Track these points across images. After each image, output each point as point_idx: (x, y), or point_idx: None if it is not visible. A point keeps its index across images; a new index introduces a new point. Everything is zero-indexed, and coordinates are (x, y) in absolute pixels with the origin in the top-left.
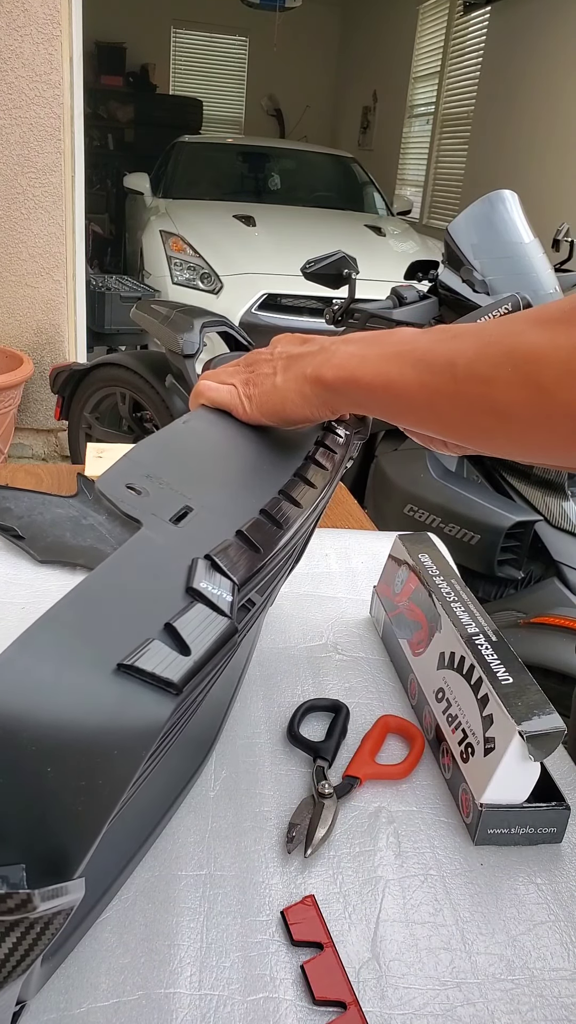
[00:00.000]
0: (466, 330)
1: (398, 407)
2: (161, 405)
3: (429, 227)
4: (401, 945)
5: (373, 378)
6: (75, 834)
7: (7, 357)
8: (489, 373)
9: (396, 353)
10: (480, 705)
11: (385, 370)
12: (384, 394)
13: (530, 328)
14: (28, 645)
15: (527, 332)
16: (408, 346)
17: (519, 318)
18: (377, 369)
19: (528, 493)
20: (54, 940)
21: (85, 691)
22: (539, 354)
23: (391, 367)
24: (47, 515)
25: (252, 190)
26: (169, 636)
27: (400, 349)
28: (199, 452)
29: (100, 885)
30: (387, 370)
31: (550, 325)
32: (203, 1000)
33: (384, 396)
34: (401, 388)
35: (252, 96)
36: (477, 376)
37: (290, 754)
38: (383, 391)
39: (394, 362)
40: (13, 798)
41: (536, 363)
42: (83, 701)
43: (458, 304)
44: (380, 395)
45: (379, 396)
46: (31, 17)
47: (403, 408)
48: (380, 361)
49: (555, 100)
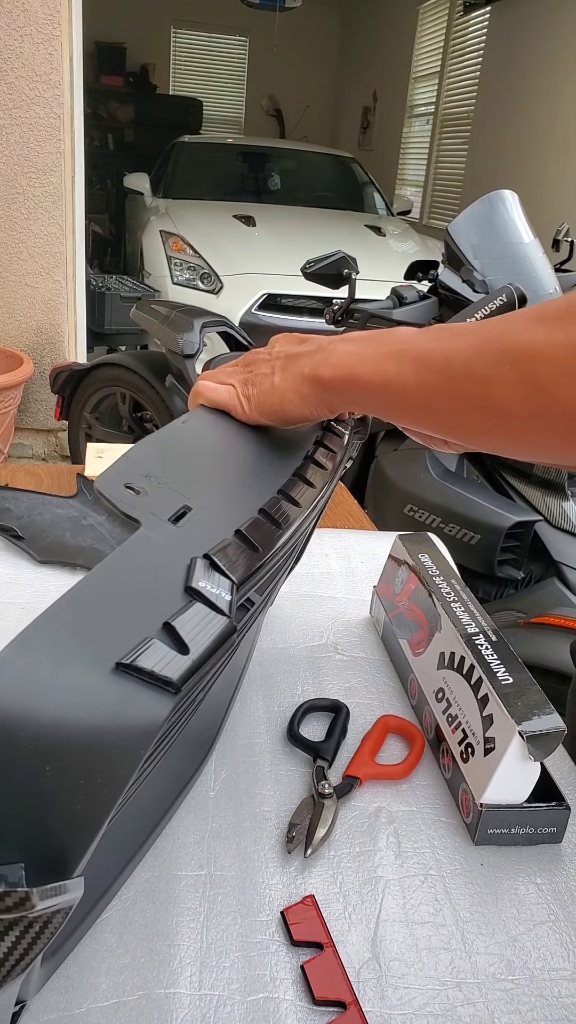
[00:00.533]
0: (464, 329)
1: (396, 406)
2: (161, 405)
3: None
4: (401, 945)
5: (371, 377)
6: (74, 833)
7: (7, 357)
8: (487, 371)
9: (394, 352)
10: (480, 705)
11: (383, 369)
12: (382, 393)
13: (528, 326)
14: (26, 644)
15: (525, 330)
16: (406, 345)
17: (517, 316)
18: (375, 368)
19: (528, 493)
20: (53, 939)
21: (84, 690)
22: (536, 351)
23: (389, 366)
24: (47, 515)
25: (252, 190)
26: (168, 635)
27: (398, 348)
28: (198, 452)
29: (100, 885)
30: (385, 369)
31: (548, 323)
32: (203, 1000)
33: (382, 395)
34: (399, 387)
35: (252, 96)
36: (475, 374)
37: (290, 754)
38: (381, 390)
39: (392, 361)
40: (12, 797)
41: (533, 361)
42: (82, 700)
43: (458, 304)
44: (378, 394)
45: (377, 395)
46: (31, 17)
47: (401, 407)
48: (378, 360)
49: (555, 100)
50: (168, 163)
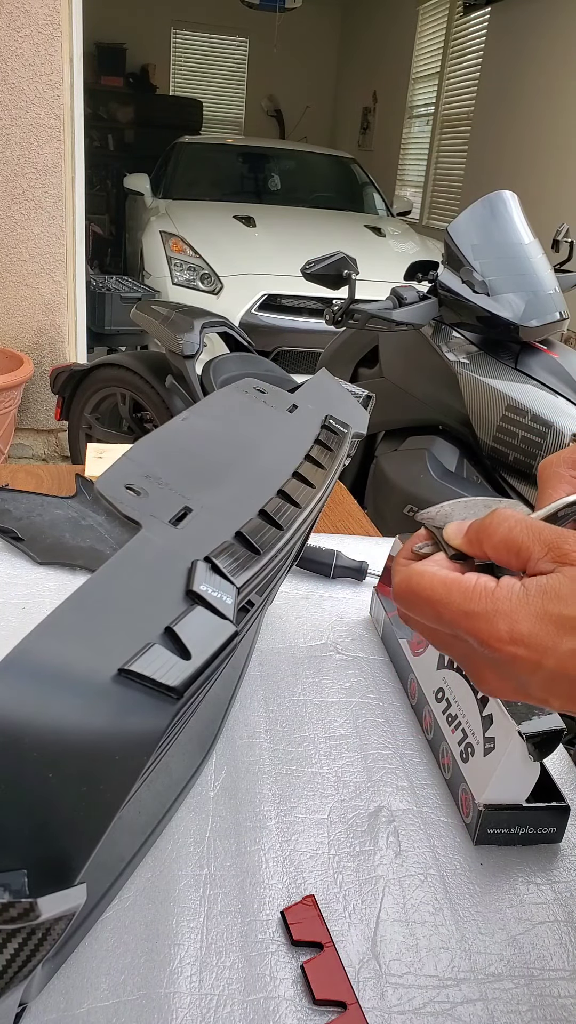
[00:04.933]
0: None
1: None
2: (161, 406)
3: (429, 228)
4: (401, 945)
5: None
6: (77, 840)
7: (7, 358)
8: None
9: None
10: (480, 705)
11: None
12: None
13: None
14: (29, 651)
15: None
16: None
17: None
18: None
19: (528, 493)
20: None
21: (86, 697)
22: None
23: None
24: (46, 516)
25: (252, 191)
26: (170, 640)
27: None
28: (198, 451)
29: (100, 886)
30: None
31: None
32: (203, 1000)
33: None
34: None
35: (252, 97)
36: None
37: (291, 753)
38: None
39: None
40: (15, 804)
41: None
42: (84, 707)
43: (458, 305)
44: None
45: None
46: (31, 18)
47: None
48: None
49: (555, 100)
50: (168, 164)
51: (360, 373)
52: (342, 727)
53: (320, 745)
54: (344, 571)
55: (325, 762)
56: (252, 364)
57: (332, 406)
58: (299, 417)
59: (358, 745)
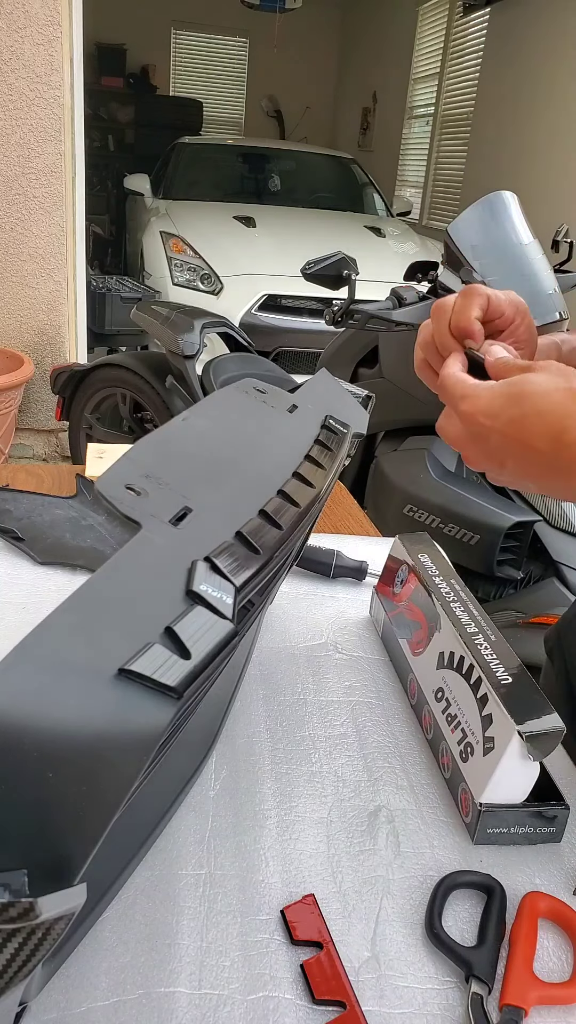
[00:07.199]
0: None
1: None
2: (162, 406)
3: (429, 228)
4: (401, 945)
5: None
6: (77, 839)
7: (8, 358)
8: None
9: None
10: (479, 705)
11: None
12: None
13: None
14: (29, 651)
15: None
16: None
17: None
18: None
19: (527, 493)
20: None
21: (86, 696)
22: None
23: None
24: (47, 516)
25: (252, 191)
26: (170, 640)
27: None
28: (198, 451)
29: (101, 885)
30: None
31: None
32: (203, 999)
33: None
34: None
35: (252, 97)
36: None
37: (291, 753)
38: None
39: None
40: (15, 804)
41: None
42: (84, 706)
43: None
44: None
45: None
46: (31, 18)
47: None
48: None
49: (555, 100)
50: (168, 164)
51: (360, 373)
52: (342, 726)
53: (320, 744)
54: (344, 571)
55: (325, 761)
56: (252, 364)
57: (332, 406)
58: (299, 417)
59: (358, 744)
